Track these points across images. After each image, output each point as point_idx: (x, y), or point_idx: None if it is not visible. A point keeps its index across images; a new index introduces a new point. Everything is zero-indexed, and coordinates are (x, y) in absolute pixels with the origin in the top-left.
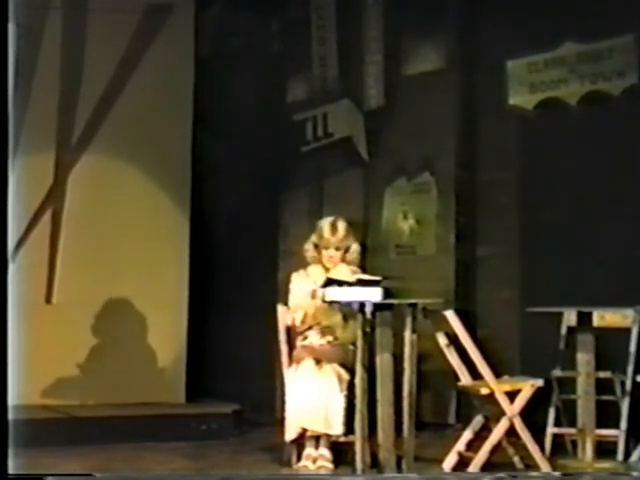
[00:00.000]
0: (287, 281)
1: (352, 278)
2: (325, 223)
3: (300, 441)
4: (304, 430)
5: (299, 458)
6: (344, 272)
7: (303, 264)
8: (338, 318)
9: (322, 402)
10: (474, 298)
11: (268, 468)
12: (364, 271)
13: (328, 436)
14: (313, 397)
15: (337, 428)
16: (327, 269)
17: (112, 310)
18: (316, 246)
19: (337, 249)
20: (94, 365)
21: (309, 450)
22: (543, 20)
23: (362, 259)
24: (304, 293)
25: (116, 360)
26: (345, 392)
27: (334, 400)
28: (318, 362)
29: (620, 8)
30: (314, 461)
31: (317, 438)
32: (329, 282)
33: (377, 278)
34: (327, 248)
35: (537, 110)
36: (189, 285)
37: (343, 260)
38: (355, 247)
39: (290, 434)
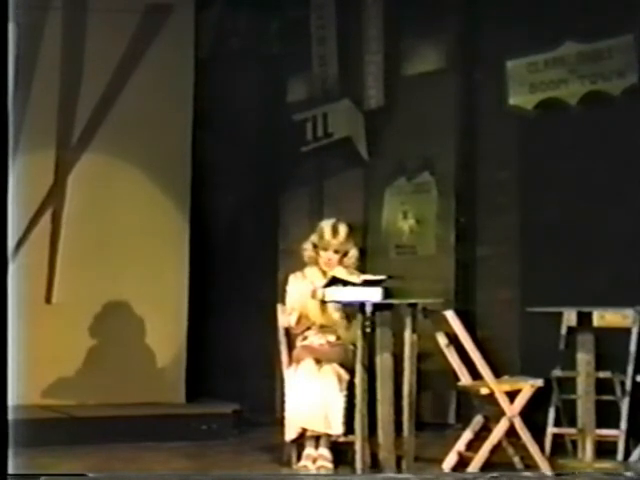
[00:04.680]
0: (286, 281)
1: (356, 278)
2: (327, 224)
3: (300, 441)
4: (304, 430)
5: (299, 458)
6: (342, 274)
7: (302, 264)
8: (336, 317)
9: (322, 402)
10: (474, 298)
11: (268, 468)
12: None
13: (328, 436)
14: (313, 397)
15: (337, 428)
16: (324, 272)
17: (112, 310)
18: (315, 246)
19: (336, 252)
20: (94, 365)
21: (309, 450)
22: (543, 20)
23: (360, 264)
24: (300, 294)
25: (116, 360)
26: (345, 392)
27: (334, 400)
28: (318, 362)
29: (620, 8)
30: (314, 461)
31: (317, 438)
32: (333, 281)
33: (382, 277)
34: (326, 250)
35: (537, 110)
36: (189, 285)
37: (340, 264)
38: (354, 252)
39: (290, 434)
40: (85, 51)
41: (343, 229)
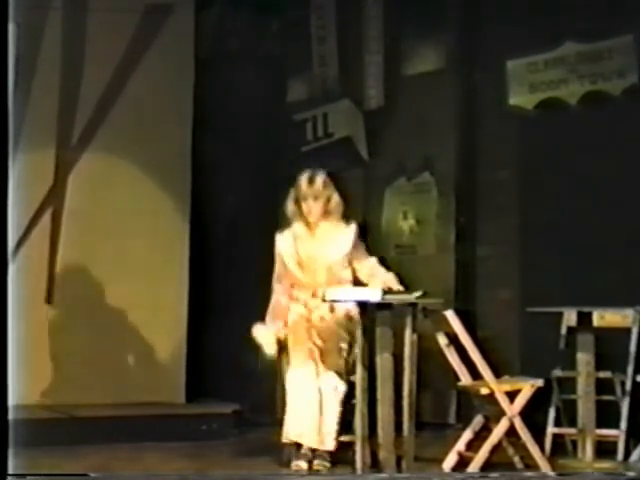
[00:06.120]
0: None
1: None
2: (303, 176)
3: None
4: None
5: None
6: (328, 229)
7: None
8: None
9: (317, 417)
10: (474, 298)
11: (268, 468)
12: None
13: None
14: (308, 413)
15: (329, 444)
16: (309, 224)
17: (112, 310)
18: (297, 201)
19: (316, 199)
20: (94, 365)
21: (304, 449)
22: (543, 20)
23: (345, 210)
24: (286, 254)
25: (116, 360)
26: (340, 408)
27: (329, 415)
28: (316, 364)
29: (620, 8)
30: (309, 461)
31: None
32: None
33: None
34: (305, 199)
35: (537, 110)
36: (189, 285)
37: (325, 213)
38: (335, 198)
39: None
40: (85, 51)
41: (320, 177)
